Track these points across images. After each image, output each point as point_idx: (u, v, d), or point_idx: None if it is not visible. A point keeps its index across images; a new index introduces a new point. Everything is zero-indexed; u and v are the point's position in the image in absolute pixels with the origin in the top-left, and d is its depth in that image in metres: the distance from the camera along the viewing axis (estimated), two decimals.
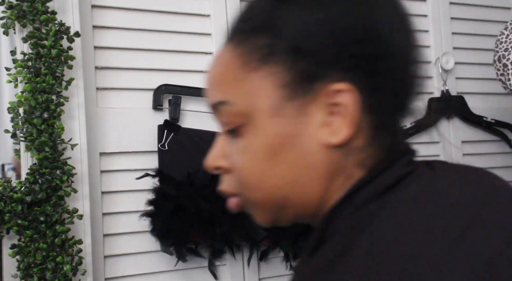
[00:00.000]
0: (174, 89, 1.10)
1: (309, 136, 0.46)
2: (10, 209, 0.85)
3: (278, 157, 0.47)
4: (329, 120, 0.45)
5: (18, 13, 0.90)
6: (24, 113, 0.89)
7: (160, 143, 1.07)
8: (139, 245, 1.05)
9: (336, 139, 0.45)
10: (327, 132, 0.45)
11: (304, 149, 0.46)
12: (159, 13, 1.14)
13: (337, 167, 0.46)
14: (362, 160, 0.46)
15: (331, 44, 0.45)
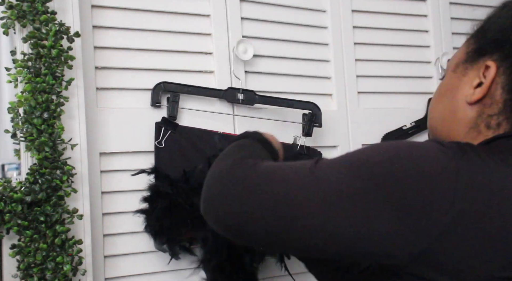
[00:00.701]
0: (173, 87, 1.10)
1: (462, 91, 0.65)
2: (10, 209, 0.85)
3: (441, 99, 0.70)
4: (476, 86, 0.63)
5: (18, 13, 0.90)
6: (24, 113, 0.89)
7: (157, 140, 1.07)
8: (139, 245, 1.05)
9: (472, 98, 0.63)
10: (471, 92, 0.64)
11: (456, 98, 0.66)
12: (159, 13, 1.14)
13: (471, 121, 0.64)
14: (490, 123, 0.63)
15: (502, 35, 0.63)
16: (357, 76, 1.37)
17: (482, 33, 0.66)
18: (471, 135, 0.64)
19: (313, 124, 1.22)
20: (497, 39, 0.63)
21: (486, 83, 0.62)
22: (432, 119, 0.72)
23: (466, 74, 0.66)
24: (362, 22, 1.40)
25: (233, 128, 1.18)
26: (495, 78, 0.62)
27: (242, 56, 1.17)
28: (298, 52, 1.30)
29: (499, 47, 0.63)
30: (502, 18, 0.64)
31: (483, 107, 0.63)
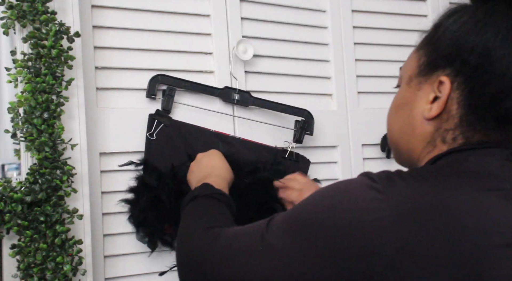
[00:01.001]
0: (169, 80, 1.10)
1: (418, 106, 0.66)
2: (10, 209, 0.85)
3: (398, 112, 0.71)
4: (431, 101, 0.64)
5: (18, 13, 0.89)
6: (24, 113, 0.89)
7: (149, 132, 1.07)
8: (139, 245, 1.05)
9: (429, 115, 0.64)
10: (427, 108, 0.65)
11: (413, 113, 0.67)
12: (159, 13, 1.14)
13: (428, 136, 0.65)
14: (445, 138, 0.64)
15: (454, 49, 0.62)
16: (357, 76, 1.37)
17: (433, 46, 0.66)
18: (427, 149, 0.66)
19: (304, 131, 1.21)
20: (449, 54, 0.63)
21: (442, 99, 0.63)
22: (391, 133, 0.73)
23: (421, 89, 0.66)
24: (362, 22, 1.40)
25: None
26: (450, 94, 0.62)
27: (242, 56, 1.17)
28: (298, 52, 1.30)
29: (451, 62, 0.63)
30: (451, 30, 0.64)
31: (440, 122, 0.64)
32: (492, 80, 0.60)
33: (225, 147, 1.13)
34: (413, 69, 0.69)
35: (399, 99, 0.71)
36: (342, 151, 1.32)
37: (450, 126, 0.63)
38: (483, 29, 0.61)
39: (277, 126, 1.23)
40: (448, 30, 0.64)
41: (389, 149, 1.37)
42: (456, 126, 0.63)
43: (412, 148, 0.68)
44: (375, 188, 0.55)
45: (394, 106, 0.73)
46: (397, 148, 0.72)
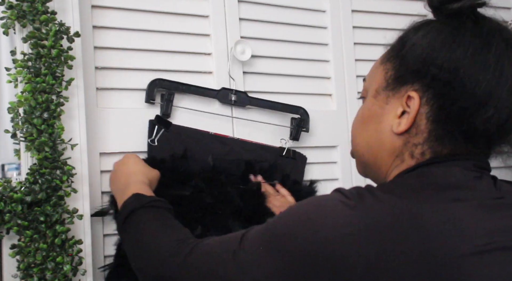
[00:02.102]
0: (167, 85, 1.10)
1: (387, 120, 0.66)
2: (10, 209, 0.85)
3: (366, 125, 0.70)
4: (399, 115, 0.64)
5: (18, 13, 0.89)
6: (24, 113, 0.89)
7: (150, 138, 1.07)
8: None
9: (398, 129, 0.64)
10: (396, 122, 0.64)
11: (381, 127, 0.67)
12: (159, 13, 1.14)
13: (397, 150, 0.65)
14: (414, 152, 0.64)
15: (423, 65, 0.62)
16: (357, 76, 1.37)
17: (400, 60, 0.66)
18: (395, 163, 0.66)
19: (300, 129, 1.23)
20: (417, 69, 0.63)
21: (411, 114, 0.63)
22: (357, 146, 0.72)
23: (389, 102, 0.66)
24: (362, 22, 1.40)
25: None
26: (419, 109, 0.62)
27: (240, 56, 1.17)
28: (298, 52, 1.30)
29: (420, 77, 0.63)
30: (419, 46, 0.64)
31: (409, 136, 0.64)
32: (461, 97, 0.60)
33: (224, 148, 1.13)
34: (380, 82, 0.68)
35: (366, 112, 0.70)
36: (342, 151, 1.32)
37: (418, 140, 0.63)
38: (452, 47, 0.61)
39: (274, 125, 1.23)
40: (417, 45, 0.64)
41: None
42: (425, 141, 0.63)
43: (380, 163, 0.68)
44: (346, 204, 0.56)
45: (360, 119, 0.72)
46: (364, 162, 0.72)
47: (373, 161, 0.69)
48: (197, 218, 1.01)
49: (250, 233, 0.64)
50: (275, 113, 1.23)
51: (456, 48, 0.61)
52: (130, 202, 0.85)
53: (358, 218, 0.54)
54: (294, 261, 0.56)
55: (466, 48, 0.60)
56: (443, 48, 0.62)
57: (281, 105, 1.22)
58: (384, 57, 0.70)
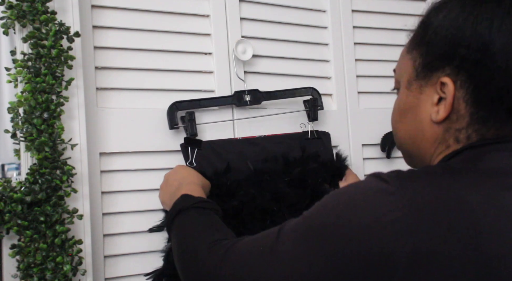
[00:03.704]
0: (186, 105, 1.10)
1: (424, 110, 0.64)
2: (10, 209, 0.85)
3: (404, 117, 0.68)
4: (436, 102, 0.62)
5: (18, 13, 0.89)
6: (24, 113, 0.89)
7: (187, 161, 1.08)
8: (139, 245, 1.05)
9: (437, 118, 0.62)
10: (434, 111, 0.62)
11: (419, 118, 0.65)
12: (159, 13, 1.14)
13: (439, 138, 0.63)
14: (459, 137, 0.61)
15: (449, 47, 0.60)
16: (357, 76, 1.37)
17: (426, 47, 0.63)
18: (439, 150, 0.64)
19: (316, 108, 1.24)
20: (445, 53, 0.61)
21: (447, 100, 0.60)
22: (400, 139, 0.71)
23: (423, 92, 0.64)
24: (362, 22, 1.40)
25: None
26: (455, 93, 0.60)
27: (241, 56, 1.17)
28: (298, 52, 1.30)
29: (449, 61, 0.60)
30: (443, 28, 0.61)
31: (450, 123, 0.62)
32: (496, 73, 0.57)
33: (256, 149, 1.15)
34: (410, 72, 0.66)
35: (402, 104, 0.68)
36: (342, 151, 1.31)
37: (461, 125, 0.61)
38: (476, 22, 0.58)
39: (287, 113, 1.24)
40: (439, 28, 0.61)
41: (389, 149, 1.37)
42: (468, 125, 0.60)
43: (424, 152, 0.66)
44: (385, 190, 0.53)
45: (397, 112, 0.70)
46: (408, 153, 0.70)
47: (417, 151, 0.67)
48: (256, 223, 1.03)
49: (287, 227, 0.61)
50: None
51: (480, 23, 0.58)
52: (178, 202, 0.86)
53: (399, 203, 0.51)
54: (333, 253, 0.53)
55: (490, 22, 0.57)
56: (467, 26, 0.58)
57: (292, 90, 1.23)
58: (409, 45, 0.68)
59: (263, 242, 0.63)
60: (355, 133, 1.34)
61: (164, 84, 1.12)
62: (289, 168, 1.13)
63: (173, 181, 0.97)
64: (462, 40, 0.58)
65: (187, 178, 0.96)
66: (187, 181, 0.95)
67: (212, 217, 0.82)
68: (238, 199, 1.04)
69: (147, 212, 1.06)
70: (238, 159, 1.11)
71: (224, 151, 1.12)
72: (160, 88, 1.12)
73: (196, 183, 0.95)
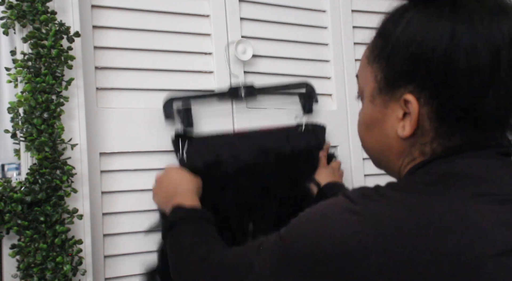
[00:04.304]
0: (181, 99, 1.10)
1: (390, 125, 0.63)
2: (10, 209, 0.85)
3: (370, 131, 0.67)
4: (402, 117, 0.61)
5: (18, 13, 0.89)
6: (24, 113, 0.89)
7: (177, 156, 1.07)
8: (139, 245, 1.05)
9: (403, 134, 0.61)
10: (400, 126, 0.61)
11: (386, 132, 0.64)
12: (159, 13, 1.14)
13: (405, 151, 0.63)
14: (424, 151, 0.61)
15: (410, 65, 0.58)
16: (357, 76, 1.37)
17: (386, 62, 0.61)
18: (406, 161, 0.64)
19: (312, 100, 1.24)
20: (406, 71, 0.58)
21: (412, 118, 0.59)
22: (367, 150, 0.71)
23: (387, 107, 0.63)
24: (362, 22, 1.40)
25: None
26: (419, 110, 0.58)
27: (241, 56, 1.17)
28: (298, 52, 1.30)
29: (411, 78, 0.58)
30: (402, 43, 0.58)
31: (415, 138, 0.61)
32: (460, 92, 0.55)
33: (248, 143, 1.15)
34: (372, 86, 0.65)
35: (367, 118, 0.67)
36: (342, 151, 1.32)
37: (426, 140, 0.60)
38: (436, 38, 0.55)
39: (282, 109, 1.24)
40: (398, 43, 0.59)
41: None
42: (433, 139, 0.60)
43: (392, 163, 0.66)
44: (352, 210, 0.54)
45: (363, 124, 0.69)
46: (376, 160, 0.71)
47: (385, 161, 0.67)
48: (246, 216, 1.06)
49: (265, 245, 0.64)
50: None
51: (440, 38, 0.55)
52: (172, 215, 0.89)
53: (364, 222, 0.52)
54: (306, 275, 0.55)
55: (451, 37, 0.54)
56: (426, 41, 0.56)
57: (286, 85, 1.24)
58: (369, 55, 0.65)
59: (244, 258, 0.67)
60: (355, 133, 1.33)
61: (164, 84, 1.12)
62: (280, 164, 1.14)
63: (167, 187, 0.98)
64: (423, 58, 0.56)
65: (181, 184, 0.97)
66: (181, 188, 0.96)
67: (202, 228, 0.86)
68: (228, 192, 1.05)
69: (147, 212, 1.06)
70: (230, 152, 1.11)
71: (216, 145, 1.11)
72: (160, 88, 1.12)
73: (190, 190, 0.96)
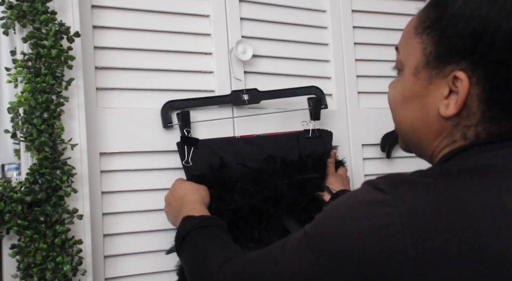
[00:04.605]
0: (180, 104, 1.10)
1: (432, 101, 0.59)
2: (10, 209, 0.85)
3: (408, 105, 0.62)
4: (447, 95, 0.57)
5: (18, 13, 0.89)
6: (24, 113, 0.89)
7: (183, 160, 1.07)
8: (139, 245, 1.05)
9: (446, 113, 0.57)
10: (443, 104, 0.58)
11: (426, 108, 0.60)
12: (159, 13, 1.14)
13: (446, 132, 0.59)
14: (467, 134, 0.58)
15: (469, 41, 0.54)
16: (357, 76, 1.37)
17: (440, 34, 0.57)
18: (444, 144, 0.60)
19: (319, 107, 1.22)
20: (463, 46, 0.55)
21: (460, 97, 0.56)
22: (400, 125, 0.66)
23: (432, 83, 0.59)
24: (362, 22, 1.40)
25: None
26: (469, 90, 0.55)
27: (241, 56, 1.17)
28: (298, 52, 1.30)
29: (466, 55, 0.55)
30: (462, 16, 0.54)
31: (459, 119, 0.58)
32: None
33: (254, 149, 1.13)
34: (419, 59, 0.60)
35: (406, 91, 0.62)
36: (342, 151, 1.32)
37: (471, 122, 0.57)
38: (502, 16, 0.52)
39: (289, 111, 1.24)
40: (458, 16, 0.54)
41: (389, 149, 1.37)
42: (478, 122, 0.56)
43: (427, 143, 0.62)
44: (382, 200, 0.50)
45: (400, 98, 0.64)
46: (408, 141, 0.66)
47: (418, 141, 0.63)
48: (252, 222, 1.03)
49: (289, 242, 0.60)
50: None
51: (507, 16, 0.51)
52: (181, 228, 0.86)
53: (398, 215, 0.48)
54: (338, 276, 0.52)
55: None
56: (491, 18, 0.52)
57: (293, 90, 1.22)
58: (418, 25, 0.60)
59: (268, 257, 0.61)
60: (355, 133, 1.34)
61: (164, 84, 1.12)
62: (287, 170, 1.11)
63: (175, 203, 0.98)
64: (485, 35, 0.52)
65: (186, 196, 0.96)
66: (187, 200, 0.95)
67: (215, 234, 0.82)
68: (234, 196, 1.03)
69: (147, 212, 1.07)
70: (235, 158, 1.10)
71: (221, 150, 1.11)
72: (160, 88, 1.12)
73: (196, 200, 0.95)
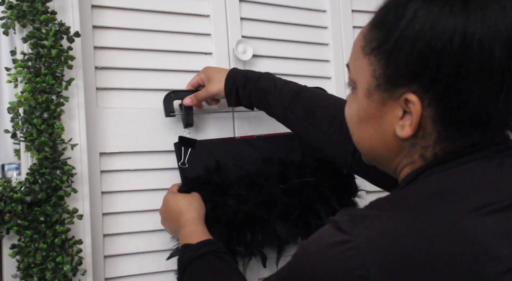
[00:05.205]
0: (183, 95, 1.09)
1: (388, 122, 0.58)
2: (10, 209, 0.85)
3: (363, 125, 0.62)
4: (401, 116, 0.57)
5: (18, 13, 0.89)
6: (24, 113, 0.89)
7: (179, 161, 1.06)
8: (139, 245, 1.05)
9: (402, 134, 0.57)
10: (399, 125, 0.57)
11: (382, 129, 0.59)
12: (159, 13, 1.14)
13: (404, 151, 0.59)
14: (424, 155, 0.57)
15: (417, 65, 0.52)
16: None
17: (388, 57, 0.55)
18: (405, 163, 0.60)
19: None
20: (412, 70, 0.53)
21: (414, 119, 0.54)
22: (360, 145, 0.66)
23: (385, 104, 0.58)
24: (362, 22, 1.39)
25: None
26: (422, 112, 0.54)
27: (242, 56, 1.17)
28: (298, 52, 1.30)
29: (416, 78, 0.53)
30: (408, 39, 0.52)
31: (416, 139, 0.57)
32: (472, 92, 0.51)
33: (254, 151, 1.12)
34: (369, 81, 0.59)
35: (362, 112, 0.61)
36: None
37: (427, 143, 0.56)
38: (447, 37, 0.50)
39: None
40: (404, 38, 0.53)
41: None
42: (435, 142, 0.56)
43: (388, 162, 0.62)
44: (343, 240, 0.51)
45: (356, 119, 0.63)
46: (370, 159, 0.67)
47: (380, 159, 0.64)
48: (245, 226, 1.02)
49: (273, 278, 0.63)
50: None
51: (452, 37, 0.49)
52: (183, 255, 0.87)
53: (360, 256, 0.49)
54: None
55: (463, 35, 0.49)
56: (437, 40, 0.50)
57: None
58: (365, 46, 0.59)
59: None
60: None
61: (164, 84, 1.12)
62: (285, 173, 1.09)
63: (170, 218, 0.98)
64: (431, 58, 0.51)
65: (182, 214, 0.95)
66: (183, 220, 0.95)
67: (214, 263, 0.83)
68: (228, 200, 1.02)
69: (147, 212, 1.06)
70: (234, 159, 1.08)
71: (219, 151, 1.09)
72: (160, 88, 1.12)
73: (192, 219, 0.94)
